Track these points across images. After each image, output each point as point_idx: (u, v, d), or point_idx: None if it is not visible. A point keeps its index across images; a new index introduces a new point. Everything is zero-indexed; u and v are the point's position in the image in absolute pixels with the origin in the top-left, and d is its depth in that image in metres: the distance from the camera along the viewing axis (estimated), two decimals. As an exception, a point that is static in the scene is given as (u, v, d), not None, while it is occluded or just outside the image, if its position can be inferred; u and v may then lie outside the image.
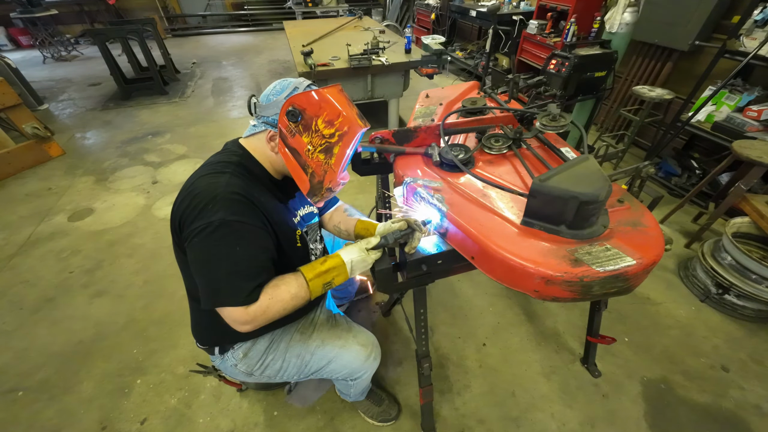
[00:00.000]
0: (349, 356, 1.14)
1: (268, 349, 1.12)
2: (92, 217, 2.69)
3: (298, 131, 0.86)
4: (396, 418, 1.49)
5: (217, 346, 1.11)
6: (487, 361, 1.71)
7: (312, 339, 1.15)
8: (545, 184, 0.83)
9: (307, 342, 1.15)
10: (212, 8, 8.73)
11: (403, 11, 7.00)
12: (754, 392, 1.57)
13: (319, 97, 0.86)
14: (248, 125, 0.98)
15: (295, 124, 0.86)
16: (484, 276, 1.00)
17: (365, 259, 0.94)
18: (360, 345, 1.17)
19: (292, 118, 0.85)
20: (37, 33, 6.55)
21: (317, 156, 0.88)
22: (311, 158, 0.88)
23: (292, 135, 0.87)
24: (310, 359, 1.14)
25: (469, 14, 4.75)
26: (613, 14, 2.74)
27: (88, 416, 1.52)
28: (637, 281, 0.85)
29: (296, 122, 0.85)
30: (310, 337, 1.16)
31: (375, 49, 3.14)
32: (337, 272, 0.93)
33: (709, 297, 1.94)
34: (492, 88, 1.73)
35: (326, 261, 0.93)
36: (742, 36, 2.25)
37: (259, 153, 0.96)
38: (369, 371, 1.20)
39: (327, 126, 0.86)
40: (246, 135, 0.99)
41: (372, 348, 1.19)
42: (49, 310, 1.99)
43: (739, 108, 2.36)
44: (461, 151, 1.17)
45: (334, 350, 1.14)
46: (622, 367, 1.67)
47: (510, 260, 0.82)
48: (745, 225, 1.99)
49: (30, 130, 3.26)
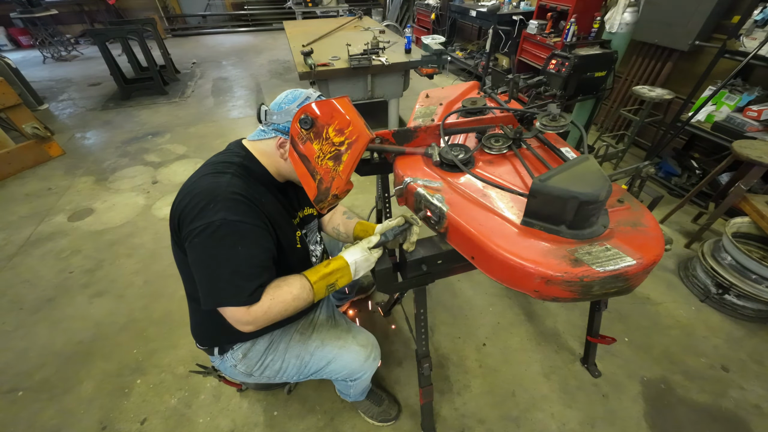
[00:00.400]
0: (348, 357, 1.14)
1: (268, 350, 1.12)
2: (92, 217, 2.69)
3: (309, 138, 0.89)
4: (396, 418, 1.48)
5: (217, 347, 1.11)
6: (487, 361, 1.71)
7: (311, 340, 1.15)
8: (545, 184, 0.83)
9: (306, 343, 1.15)
10: (212, 8, 8.73)
11: (403, 11, 7.00)
12: (754, 392, 1.57)
13: (331, 107, 0.88)
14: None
15: (306, 131, 0.88)
16: (484, 276, 1.00)
17: (368, 258, 0.96)
18: (360, 345, 1.17)
19: (304, 125, 0.88)
20: (37, 33, 6.55)
21: (326, 163, 0.90)
22: (320, 165, 0.90)
23: (303, 142, 0.90)
24: (310, 360, 1.14)
25: (469, 14, 4.75)
26: (613, 14, 2.74)
27: (88, 416, 1.52)
28: (637, 281, 0.85)
29: (308, 130, 0.88)
30: (309, 337, 1.16)
31: (375, 49, 3.14)
32: (341, 274, 0.95)
33: (709, 297, 1.94)
34: (492, 88, 1.73)
35: (330, 263, 0.94)
36: (742, 36, 2.25)
37: (264, 156, 0.98)
38: (369, 372, 1.20)
39: (337, 134, 0.88)
40: (252, 138, 1.00)
41: (372, 348, 1.19)
42: (49, 310, 1.99)
43: (739, 108, 2.36)
44: (461, 151, 1.17)
45: (333, 351, 1.14)
46: (622, 367, 1.67)
47: (510, 260, 0.82)
48: (745, 225, 1.99)
49: (30, 130, 3.26)
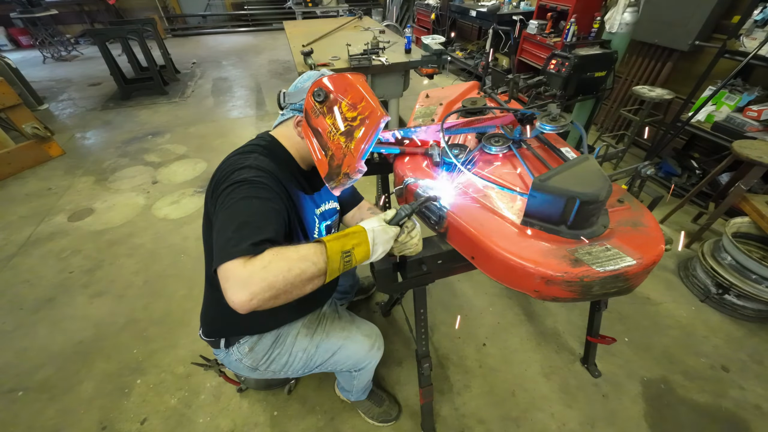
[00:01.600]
0: (353, 347, 1.16)
1: (275, 344, 1.13)
2: (92, 217, 2.69)
3: (322, 112, 0.89)
4: (396, 418, 1.49)
5: (224, 339, 1.11)
6: (487, 361, 1.71)
7: (317, 333, 1.17)
8: (545, 184, 0.83)
9: (312, 336, 1.16)
10: (212, 8, 8.73)
11: (403, 11, 7.00)
12: (754, 392, 1.57)
13: (345, 81, 0.89)
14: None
15: (320, 104, 0.89)
16: (484, 276, 1.00)
17: (386, 231, 0.83)
18: (364, 335, 1.19)
19: (317, 97, 0.88)
20: (37, 33, 6.55)
21: (338, 138, 0.90)
22: (332, 140, 0.90)
23: (316, 116, 0.90)
24: (315, 352, 1.15)
25: (469, 14, 4.75)
26: (613, 14, 2.74)
27: (88, 416, 1.52)
28: (637, 281, 0.85)
29: (321, 103, 0.89)
30: (315, 331, 1.18)
31: (375, 49, 3.13)
32: (358, 240, 0.79)
33: (709, 297, 1.94)
34: (492, 88, 1.73)
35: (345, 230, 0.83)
36: (742, 36, 2.25)
37: (287, 141, 1.00)
38: (373, 361, 1.22)
39: (350, 109, 0.88)
40: (275, 125, 1.03)
41: (375, 338, 1.22)
42: (49, 310, 1.98)
43: (739, 108, 2.36)
44: (461, 151, 1.17)
45: (338, 342, 1.16)
46: (622, 367, 1.67)
47: (510, 260, 0.82)
48: (745, 225, 1.99)
49: (30, 130, 3.25)
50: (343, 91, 0.88)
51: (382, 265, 0.98)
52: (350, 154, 0.90)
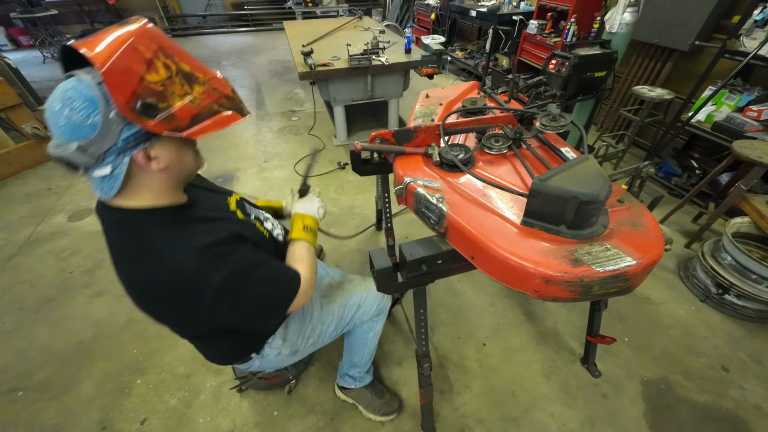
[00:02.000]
0: (373, 295, 1.29)
1: (304, 321, 1.19)
2: (92, 217, 2.69)
3: (159, 110, 0.64)
4: (398, 410, 1.49)
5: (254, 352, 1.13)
6: (487, 361, 1.71)
7: (338, 296, 1.27)
8: (545, 184, 0.83)
9: (335, 300, 1.26)
10: (212, 8, 8.72)
11: (403, 11, 6.99)
12: (754, 392, 1.57)
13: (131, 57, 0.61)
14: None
15: (152, 114, 0.64)
16: (484, 276, 1.00)
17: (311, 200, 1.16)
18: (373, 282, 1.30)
19: (146, 112, 0.63)
20: (37, 33, 6.54)
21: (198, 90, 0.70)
22: (197, 101, 0.69)
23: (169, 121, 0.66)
24: (344, 311, 1.25)
25: (469, 14, 4.75)
26: (613, 14, 2.74)
27: (88, 416, 1.52)
28: (637, 281, 0.85)
29: (153, 113, 0.64)
30: (336, 294, 1.27)
31: (375, 49, 3.14)
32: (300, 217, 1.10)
33: (709, 297, 1.94)
34: (492, 88, 1.73)
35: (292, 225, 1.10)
36: (742, 36, 2.25)
37: (143, 196, 0.74)
38: (389, 304, 1.37)
39: (165, 69, 0.65)
40: (106, 197, 0.71)
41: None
42: (49, 310, 1.98)
43: (739, 108, 2.36)
44: (461, 151, 1.17)
45: (361, 294, 1.28)
46: (622, 367, 1.67)
47: (510, 260, 0.82)
48: (745, 225, 1.99)
49: (30, 130, 3.25)
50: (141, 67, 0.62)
51: (382, 265, 0.98)
52: (210, 84, 0.72)
